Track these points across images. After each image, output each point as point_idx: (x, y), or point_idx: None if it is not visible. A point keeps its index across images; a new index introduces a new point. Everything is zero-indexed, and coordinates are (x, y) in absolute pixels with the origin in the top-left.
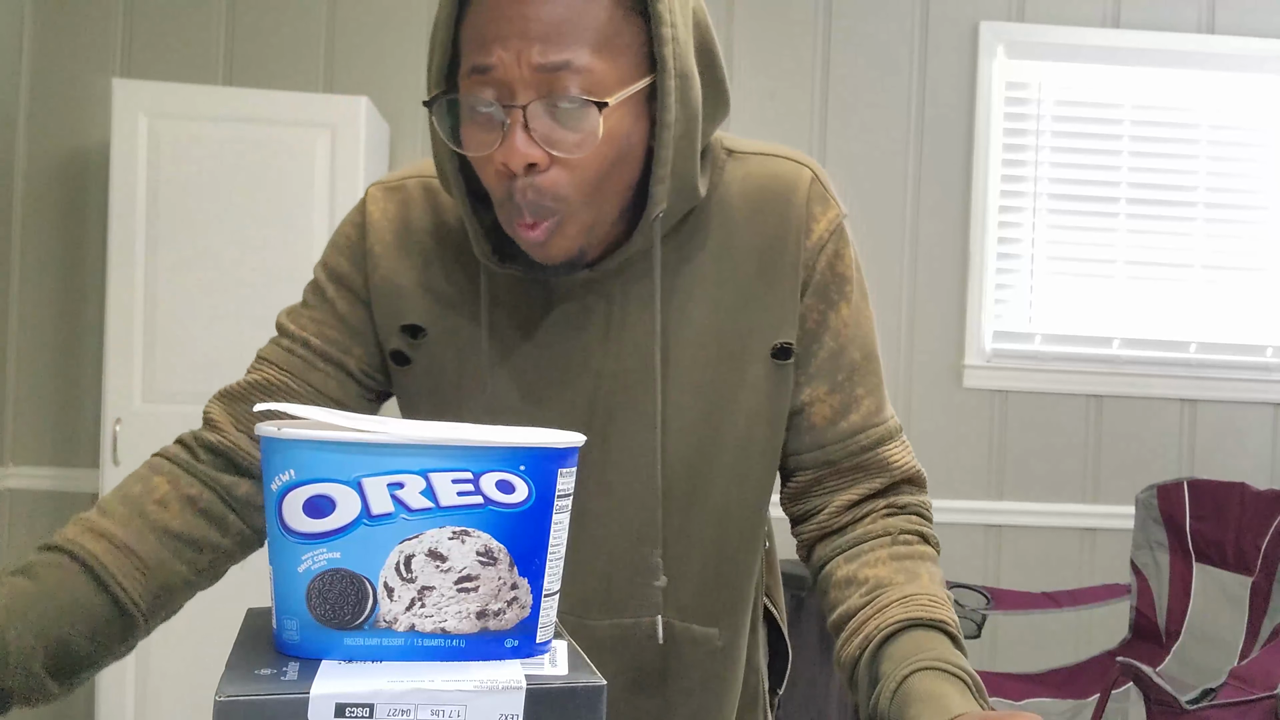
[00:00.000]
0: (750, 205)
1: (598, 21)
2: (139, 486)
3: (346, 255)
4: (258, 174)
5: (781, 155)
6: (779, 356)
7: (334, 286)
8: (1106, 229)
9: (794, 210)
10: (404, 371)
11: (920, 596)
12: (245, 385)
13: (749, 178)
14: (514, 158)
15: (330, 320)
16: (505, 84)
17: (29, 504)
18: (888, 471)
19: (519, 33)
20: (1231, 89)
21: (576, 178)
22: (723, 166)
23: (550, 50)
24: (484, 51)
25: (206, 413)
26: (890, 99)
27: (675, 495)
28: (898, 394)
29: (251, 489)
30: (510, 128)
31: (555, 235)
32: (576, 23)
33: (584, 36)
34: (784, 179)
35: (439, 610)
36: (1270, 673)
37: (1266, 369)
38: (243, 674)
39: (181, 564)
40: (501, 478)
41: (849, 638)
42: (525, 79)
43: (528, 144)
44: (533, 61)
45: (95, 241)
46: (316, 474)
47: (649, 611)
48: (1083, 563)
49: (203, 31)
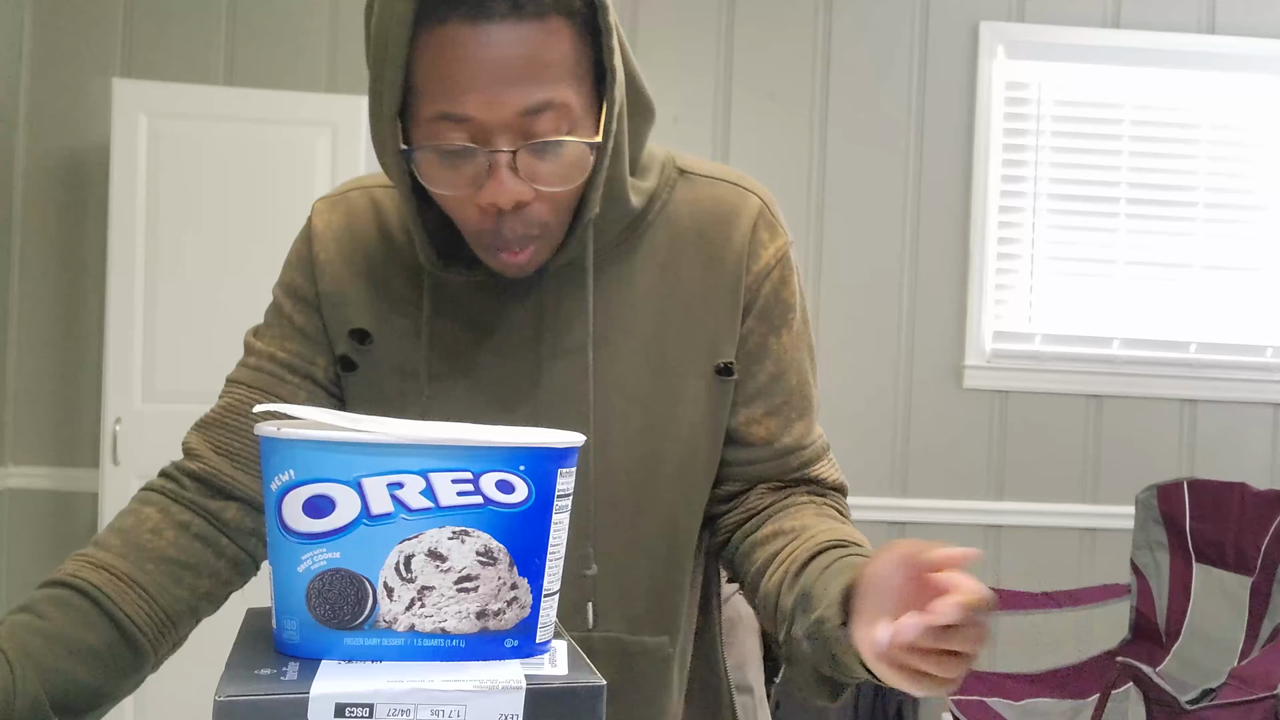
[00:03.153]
0: (698, 225)
1: (565, 54)
2: (131, 519)
3: (297, 268)
4: (258, 174)
5: (732, 181)
6: (722, 374)
7: (290, 301)
8: (1106, 229)
9: (741, 235)
10: (351, 378)
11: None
12: (218, 411)
13: (699, 200)
14: (504, 198)
15: (290, 334)
16: (482, 128)
17: (29, 504)
18: (816, 484)
19: (492, 79)
20: (1231, 89)
21: (557, 205)
22: (673, 185)
23: (529, 93)
24: (456, 101)
25: (185, 444)
26: (890, 99)
27: (620, 507)
28: (898, 394)
29: (238, 513)
30: (495, 169)
31: (534, 256)
32: (548, 60)
33: (557, 72)
34: (733, 203)
35: (439, 610)
36: (1270, 673)
37: (1266, 369)
38: (242, 674)
39: (182, 589)
40: (501, 478)
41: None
42: (505, 123)
43: (515, 183)
44: (513, 107)
45: (95, 241)
46: (316, 474)
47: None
48: (1082, 563)
49: (203, 31)
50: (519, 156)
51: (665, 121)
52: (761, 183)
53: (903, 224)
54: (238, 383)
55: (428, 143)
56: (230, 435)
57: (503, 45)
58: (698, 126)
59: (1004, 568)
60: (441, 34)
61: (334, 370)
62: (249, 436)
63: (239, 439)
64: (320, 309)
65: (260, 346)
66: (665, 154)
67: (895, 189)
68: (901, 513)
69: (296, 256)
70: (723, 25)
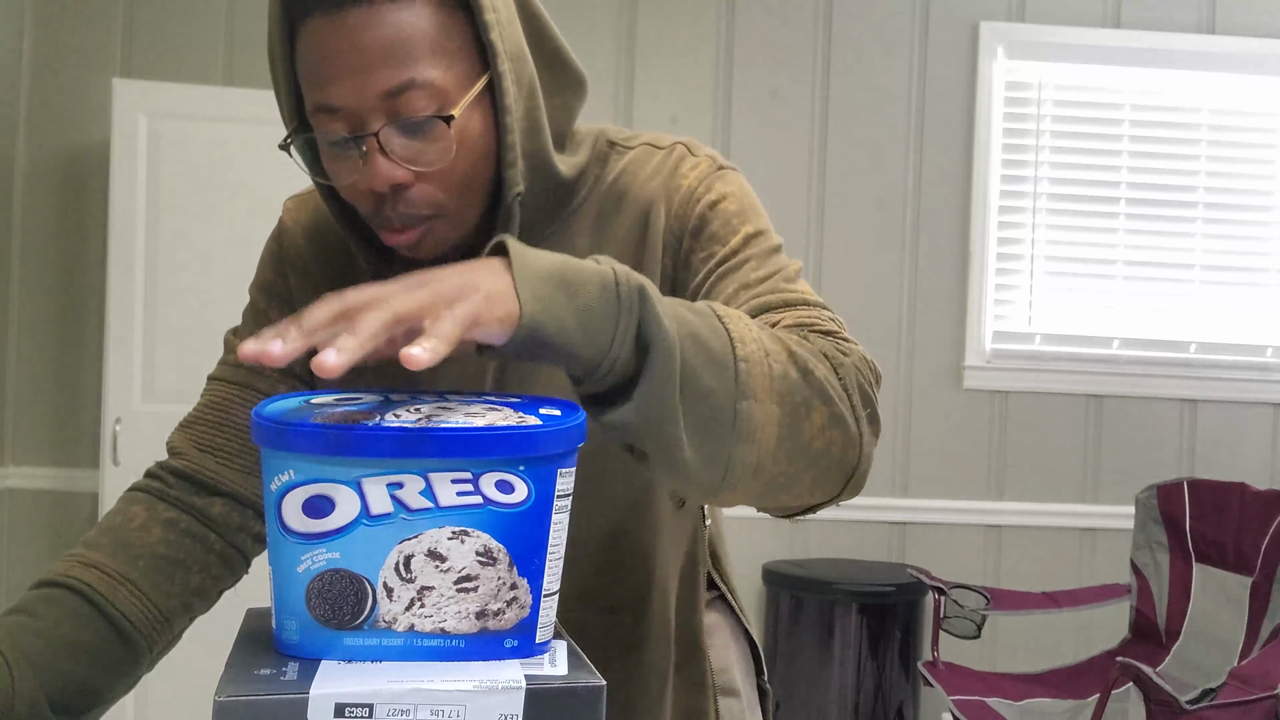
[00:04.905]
0: (624, 184)
1: (426, 33)
2: (118, 518)
3: (269, 265)
4: (258, 174)
5: (657, 144)
6: None
7: (265, 298)
8: (1106, 229)
9: (662, 176)
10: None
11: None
12: (200, 408)
13: (627, 167)
14: (376, 181)
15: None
16: (353, 115)
17: (29, 504)
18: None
19: (354, 66)
20: (1231, 89)
21: (444, 184)
22: (605, 158)
23: (389, 75)
24: (324, 91)
25: (169, 443)
26: (890, 99)
27: None
28: (898, 394)
29: (224, 508)
30: (369, 155)
31: (427, 237)
32: (406, 41)
33: (417, 51)
34: (656, 157)
35: (438, 610)
36: (1270, 673)
37: (1266, 369)
38: (242, 674)
39: (174, 585)
40: (501, 478)
41: None
42: (372, 107)
43: (389, 166)
44: (375, 90)
45: (95, 241)
46: (316, 474)
47: None
48: (1082, 563)
49: (203, 31)
50: (383, 137)
51: (664, 121)
52: (762, 182)
53: (903, 224)
54: (218, 380)
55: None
56: (213, 431)
57: (360, 31)
58: (697, 126)
59: (1004, 568)
60: (307, 29)
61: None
62: (231, 432)
63: (221, 434)
64: (293, 303)
65: (238, 343)
66: (597, 130)
67: (895, 189)
68: (902, 513)
69: (268, 254)
70: (723, 24)
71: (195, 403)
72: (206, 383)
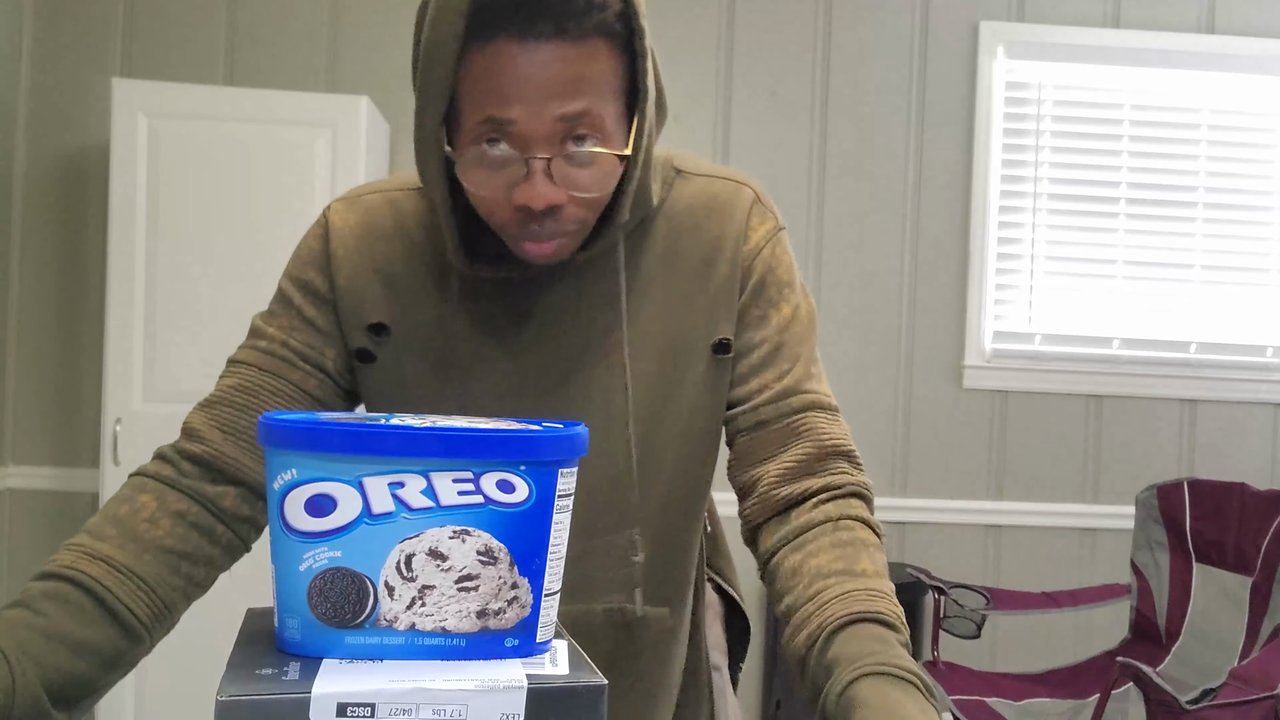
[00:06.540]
0: (694, 218)
1: (601, 71)
2: (125, 507)
3: (310, 263)
4: (258, 174)
5: (726, 177)
6: (719, 351)
7: (300, 294)
8: (1106, 229)
9: (734, 222)
10: (369, 368)
11: (858, 592)
12: (225, 389)
13: (695, 195)
14: (537, 201)
15: (300, 325)
16: (525, 134)
17: (29, 504)
18: (816, 439)
19: (538, 90)
20: (1231, 89)
21: (591, 207)
22: (671, 184)
23: (567, 104)
24: (503, 106)
25: (187, 424)
26: (890, 99)
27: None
28: (898, 394)
29: (236, 499)
30: (532, 174)
31: (562, 249)
32: (586, 74)
33: (592, 86)
34: (726, 196)
35: (439, 609)
36: (1270, 673)
37: (1266, 369)
38: (244, 673)
39: (179, 578)
40: (502, 477)
41: (794, 632)
42: (547, 131)
43: (550, 188)
44: (552, 115)
45: (95, 241)
46: (318, 473)
47: (619, 589)
48: (1083, 563)
49: (203, 31)
50: (554, 163)
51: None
52: (762, 181)
53: (903, 224)
54: (245, 364)
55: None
56: (238, 413)
57: (547, 62)
58: (698, 124)
59: (1004, 568)
60: (490, 49)
61: (343, 362)
62: (257, 416)
63: (247, 417)
64: (335, 304)
65: (271, 332)
66: (664, 155)
67: (895, 189)
68: (902, 513)
69: (309, 253)
70: (723, 23)
71: (195, 402)
72: (228, 365)
